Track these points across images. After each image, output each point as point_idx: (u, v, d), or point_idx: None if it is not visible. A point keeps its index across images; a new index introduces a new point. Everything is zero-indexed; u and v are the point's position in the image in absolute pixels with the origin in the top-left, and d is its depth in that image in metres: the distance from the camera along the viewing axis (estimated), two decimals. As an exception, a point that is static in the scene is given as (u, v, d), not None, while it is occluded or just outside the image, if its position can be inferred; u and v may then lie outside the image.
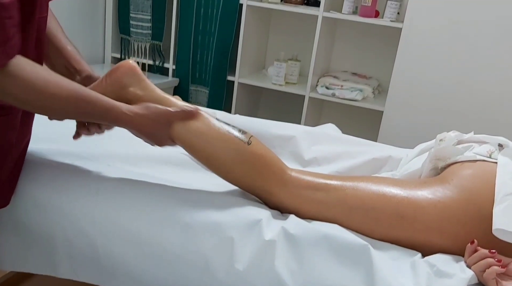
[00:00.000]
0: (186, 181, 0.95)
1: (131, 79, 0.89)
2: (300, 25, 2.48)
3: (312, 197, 0.85)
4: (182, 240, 0.82)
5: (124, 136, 1.11)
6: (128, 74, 0.89)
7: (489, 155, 0.90)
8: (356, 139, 1.24)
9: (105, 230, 0.85)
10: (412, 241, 0.81)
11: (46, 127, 1.12)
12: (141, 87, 0.89)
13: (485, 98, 1.95)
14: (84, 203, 0.88)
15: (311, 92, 2.27)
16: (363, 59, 2.45)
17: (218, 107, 2.41)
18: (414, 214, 0.81)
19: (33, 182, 0.91)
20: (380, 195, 0.83)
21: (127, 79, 0.89)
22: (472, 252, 0.77)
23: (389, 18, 2.08)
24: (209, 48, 2.36)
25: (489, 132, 1.75)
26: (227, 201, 0.87)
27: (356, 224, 0.83)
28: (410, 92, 2.06)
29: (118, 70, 0.89)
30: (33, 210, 0.89)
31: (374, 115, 2.27)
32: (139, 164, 1.03)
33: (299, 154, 1.18)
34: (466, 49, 1.94)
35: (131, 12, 2.46)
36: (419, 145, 1.11)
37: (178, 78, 2.47)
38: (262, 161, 0.87)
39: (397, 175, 1.03)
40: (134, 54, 2.53)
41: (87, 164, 0.97)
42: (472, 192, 0.82)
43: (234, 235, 0.80)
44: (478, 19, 1.89)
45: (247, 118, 1.31)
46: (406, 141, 1.89)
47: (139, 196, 0.88)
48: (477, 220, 0.80)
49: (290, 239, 0.78)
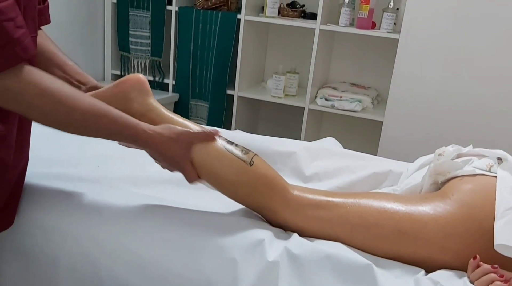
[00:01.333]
0: (188, 201, 0.95)
1: (138, 93, 0.88)
2: (297, 38, 2.50)
3: (314, 215, 0.86)
4: (185, 262, 0.82)
5: (125, 157, 1.12)
6: (136, 88, 0.89)
7: (488, 169, 0.90)
8: (356, 154, 1.25)
9: (108, 252, 0.86)
10: (415, 258, 0.81)
11: (47, 150, 1.14)
12: (146, 103, 0.88)
13: (484, 106, 1.96)
14: (87, 226, 0.88)
15: (310, 104, 2.29)
16: (361, 70, 2.47)
17: (219, 120, 2.43)
18: (416, 230, 0.81)
19: (35, 205, 0.92)
20: (382, 212, 0.84)
21: (134, 93, 0.88)
22: (474, 267, 0.78)
23: (386, 29, 2.10)
24: (208, 63, 2.38)
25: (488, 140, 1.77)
26: (229, 221, 0.87)
27: (358, 241, 0.83)
28: (409, 101, 2.07)
29: (126, 82, 0.89)
30: (36, 233, 0.90)
31: (374, 126, 2.28)
32: (141, 184, 1.04)
33: (300, 170, 1.19)
34: (463, 58, 1.95)
35: (130, 29, 2.48)
36: (419, 159, 1.11)
37: (178, 94, 2.48)
38: (265, 181, 0.87)
39: (398, 189, 1.04)
40: (134, 70, 2.55)
41: (89, 186, 0.97)
42: (472, 207, 0.83)
43: (237, 256, 0.80)
44: (473, 29, 1.90)
45: (248, 135, 1.31)
46: (407, 151, 1.90)
47: (142, 217, 0.89)
48: (478, 235, 0.80)
49: (293, 259, 0.78)
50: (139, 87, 0.88)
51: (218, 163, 0.86)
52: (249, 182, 0.87)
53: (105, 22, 2.54)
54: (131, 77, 0.89)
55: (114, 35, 2.55)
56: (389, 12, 2.09)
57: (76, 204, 0.92)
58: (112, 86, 0.89)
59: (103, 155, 1.13)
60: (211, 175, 0.88)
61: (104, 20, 2.54)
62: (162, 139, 0.81)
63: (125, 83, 0.88)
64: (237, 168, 0.86)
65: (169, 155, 0.83)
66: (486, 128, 1.97)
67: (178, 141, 0.82)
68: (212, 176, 0.88)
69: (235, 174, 0.86)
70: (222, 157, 0.86)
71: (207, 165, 0.86)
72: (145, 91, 0.89)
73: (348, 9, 2.15)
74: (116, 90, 0.88)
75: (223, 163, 0.86)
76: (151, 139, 0.80)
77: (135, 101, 0.88)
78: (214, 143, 0.87)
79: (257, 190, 0.87)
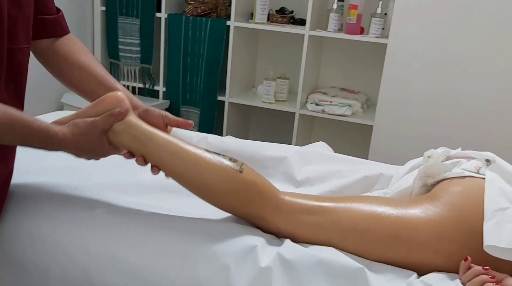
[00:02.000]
0: (180, 208, 0.95)
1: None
2: (287, 44, 2.51)
3: (306, 221, 0.86)
4: (177, 269, 0.82)
5: (115, 164, 1.11)
6: (115, 106, 0.88)
7: (477, 171, 0.92)
8: (347, 158, 1.26)
9: (100, 261, 0.85)
10: (407, 261, 0.82)
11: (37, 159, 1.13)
12: (126, 121, 0.88)
13: (472, 109, 1.99)
14: (78, 235, 0.88)
15: (301, 109, 2.30)
16: (351, 74, 2.49)
17: (210, 126, 2.43)
18: (408, 233, 0.82)
19: (26, 215, 0.91)
20: (374, 216, 0.84)
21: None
22: (466, 269, 0.78)
23: (374, 34, 2.13)
24: (199, 70, 2.38)
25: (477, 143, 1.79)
26: (221, 228, 0.87)
27: (351, 246, 0.83)
28: (398, 105, 2.09)
29: (105, 100, 0.89)
30: (26, 243, 0.89)
31: (364, 130, 2.30)
32: (132, 192, 1.03)
33: (292, 174, 1.19)
34: (450, 62, 1.98)
35: (119, 37, 2.48)
36: (409, 162, 1.12)
37: (168, 100, 2.48)
38: (255, 188, 0.87)
39: (389, 192, 1.04)
40: (124, 78, 2.54)
41: (80, 195, 0.97)
42: (462, 209, 0.83)
43: (229, 262, 0.80)
44: (461, 33, 1.93)
45: (239, 140, 1.31)
46: (397, 154, 1.91)
47: (133, 225, 0.88)
48: (469, 237, 0.81)
49: (286, 265, 0.78)
50: (118, 104, 0.88)
51: (207, 173, 0.86)
52: (240, 190, 0.86)
53: (94, 30, 2.53)
54: (110, 95, 0.90)
55: (103, 42, 2.54)
56: (377, 17, 2.11)
57: (67, 213, 0.91)
58: (92, 105, 0.90)
59: (94, 163, 1.12)
60: (200, 185, 0.87)
61: (93, 28, 2.54)
62: (73, 137, 0.84)
63: (104, 102, 0.89)
64: (227, 176, 0.86)
65: (85, 148, 0.86)
66: (475, 131, 1.99)
67: (88, 134, 0.85)
68: (202, 187, 0.87)
69: (225, 183, 0.86)
70: (210, 167, 0.86)
71: (196, 176, 0.86)
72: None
73: (336, 14, 2.17)
74: (97, 109, 0.88)
75: (212, 172, 0.86)
76: (64, 140, 0.83)
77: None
78: (203, 153, 0.87)
79: (248, 198, 0.87)
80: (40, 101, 1.24)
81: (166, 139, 0.88)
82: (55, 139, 0.82)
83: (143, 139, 0.87)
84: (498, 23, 1.88)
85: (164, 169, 0.88)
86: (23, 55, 0.85)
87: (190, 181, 0.87)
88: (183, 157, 0.87)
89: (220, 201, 0.88)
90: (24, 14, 0.84)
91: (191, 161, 0.86)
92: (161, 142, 0.88)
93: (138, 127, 0.88)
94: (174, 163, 0.87)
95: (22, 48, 0.84)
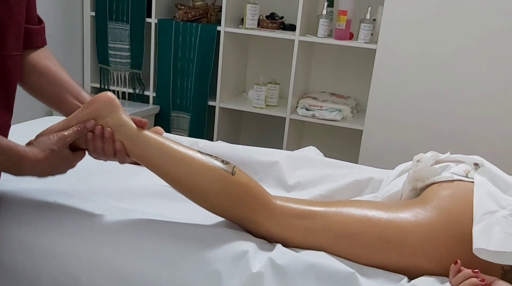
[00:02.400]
0: (170, 214, 0.94)
1: (109, 110, 0.88)
2: (277, 49, 2.52)
3: (298, 225, 0.86)
4: (169, 275, 0.81)
5: (106, 170, 1.11)
6: (106, 105, 0.88)
7: (465, 174, 0.92)
8: (337, 162, 1.26)
9: (91, 268, 0.84)
10: (398, 265, 0.82)
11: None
12: (119, 118, 0.88)
13: (461, 114, 2.01)
14: (68, 242, 0.87)
15: (291, 114, 2.31)
16: (341, 79, 2.51)
17: (201, 132, 2.42)
18: (398, 237, 0.82)
19: (15, 221, 0.90)
20: (365, 220, 0.85)
21: (105, 110, 0.88)
22: (456, 272, 0.79)
23: (363, 40, 2.15)
24: (189, 75, 2.38)
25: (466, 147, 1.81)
26: (212, 233, 0.87)
27: (342, 250, 0.84)
28: (387, 110, 2.11)
29: (96, 101, 0.89)
30: (17, 251, 0.88)
31: (354, 134, 2.31)
32: (123, 198, 1.02)
33: (283, 179, 1.19)
34: (439, 67, 2.00)
35: (109, 42, 2.47)
36: (399, 166, 1.13)
37: (159, 106, 2.47)
38: (247, 191, 0.87)
39: (379, 196, 1.05)
40: (113, 83, 2.53)
41: (70, 201, 0.96)
42: (452, 212, 0.84)
43: (221, 268, 0.80)
44: (449, 38, 1.96)
45: (230, 145, 1.31)
46: (387, 158, 1.92)
47: (124, 232, 0.87)
48: (458, 240, 0.81)
49: (278, 270, 0.78)
50: (109, 104, 0.88)
51: (199, 174, 0.86)
52: (232, 192, 0.86)
53: (83, 35, 2.52)
54: (100, 95, 0.90)
55: (93, 48, 2.53)
56: (366, 23, 2.13)
57: (57, 219, 0.90)
58: (83, 108, 0.89)
59: (83, 169, 1.11)
60: (192, 186, 0.87)
61: (83, 33, 2.52)
62: (44, 154, 0.82)
63: (95, 103, 0.88)
64: (219, 178, 0.86)
65: (58, 164, 0.85)
66: (464, 135, 2.02)
67: (58, 150, 0.83)
68: (194, 188, 0.87)
69: (217, 185, 0.86)
70: (202, 168, 0.86)
71: (188, 177, 0.86)
72: (116, 107, 0.89)
73: (326, 20, 2.18)
74: (88, 111, 0.88)
75: (204, 174, 0.86)
76: (35, 159, 0.81)
77: (108, 117, 0.88)
78: (195, 154, 0.87)
79: (239, 201, 0.87)
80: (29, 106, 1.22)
81: (158, 140, 0.88)
82: (25, 159, 0.79)
83: (135, 139, 0.87)
84: (486, 27, 1.91)
85: (156, 169, 0.88)
86: (14, 62, 0.84)
87: (182, 182, 0.87)
88: (175, 157, 0.86)
89: (211, 203, 0.87)
90: (15, 22, 0.83)
91: (183, 162, 0.86)
92: (153, 142, 0.87)
93: (130, 127, 0.88)
94: (166, 163, 0.86)
95: (12, 55, 0.83)
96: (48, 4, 2.27)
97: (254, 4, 2.25)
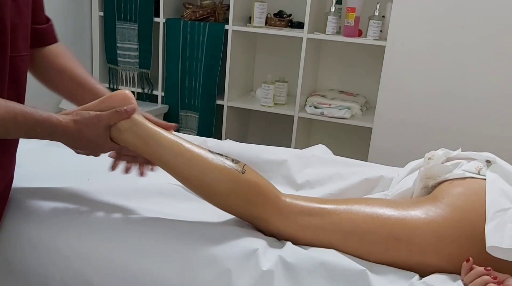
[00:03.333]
0: (179, 213, 0.95)
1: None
2: (285, 47, 2.52)
3: (307, 223, 0.86)
4: (179, 274, 0.81)
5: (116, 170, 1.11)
6: (122, 104, 0.89)
7: (477, 172, 0.91)
8: (347, 160, 1.26)
9: (100, 268, 0.85)
10: (409, 262, 0.82)
11: (36, 165, 1.13)
12: (132, 118, 0.88)
13: (471, 110, 1.99)
14: (78, 241, 0.87)
15: (300, 112, 2.30)
16: (349, 77, 2.49)
17: (209, 131, 2.43)
18: (408, 235, 0.82)
19: (25, 221, 0.90)
20: (375, 218, 0.84)
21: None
22: (468, 270, 0.78)
23: (372, 36, 2.13)
24: (197, 74, 2.39)
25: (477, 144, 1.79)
26: (222, 231, 0.87)
27: (352, 248, 0.83)
28: (397, 107, 2.09)
29: (113, 97, 0.90)
30: (27, 251, 0.88)
31: (363, 132, 2.30)
32: (132, 197, 1.03)
33: (292, 177, 1.19)
34: (449, 63, 1.98)
35: (117, 42, 2.48)
36: (409, 163, 1.12)
37: (167, 105, 2.48)
38: (257, 189, 0.87)
39: (389, 194, 1.04)
40: (122, 83, 2.54)
41: (79, 201, 0.96)
42: (464, 210, 0.83)
43: (231, 266, 0.80)
44: (459, 34, 1.94)
45: (238, 144, 1.32)
46: (397, 156, 1.91)
47: (133, 231, 0.88)
48: (470, 238, 0.81)
49: (288, 267, 0.78)
50: (125, 102, 0.89)
51: (210, 173, 0.86)
52: (242, 191, 0.86)
53: (92, 35, 2.54)
54: (117, 93, 0.91)
55: (101, 48, 2.54)
56: (375, 19, 2.12)
57: (66, 218, 0.91)
58: (99, 102, 0.90)
59: (93, 168, 1.12)
60: (202, 185, 0.87)
61: (91, 33, 2.54)
62: (76, 126, 0.84)
63: (111, 99, 0.89)
64: (229, 177, 0.86)
65: (86, 140, 0.86)
66: (474, 133, 1.99)
67: (90, 126, 0.85)
68: (204, 187, 0.87)
69: (228, 183, 0.86)
70: (213, 167, 0.86)
71: (199, 175, 0.86)
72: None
73: (334, 17, 2.17)
74: (103, 106, 0.88)
75: (214, 173, 0.86)
76: (67, 128, 0.83)
77: None
78: (206, 153, 0.87)
79: (249, 199, 0.87)
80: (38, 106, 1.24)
81: (170, 139, 0.89)
82: (59, 128, 0.82)
83: (147, 138, 0.88)
84: (496, 24, 1.88)
85: (167, 168, 0.88)
86: (23, 62, 0.86)
87: (193, 181, 0.87)
88: (187, 157, 0.87)
89: (221, 201, 0.88)
90: (24, 23, 0.84)
91: (194, 161, 0.86)
92: (164, 141, 0.88)
93: (143, 126, 0.89)
94: (177, 162, 0.87)
95: (22, 55, 0.84)
96: (57, 4, 2.29)
97: (262, 2, 2.25)
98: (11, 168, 0.92)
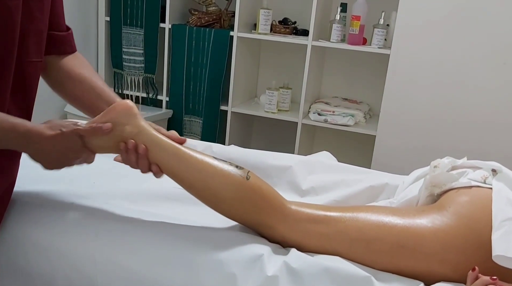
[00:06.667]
0: (185, 217, 0.95)
1: (128, 118, 0.89)
2: (290, 54, 2.53)
3: (313, 230, 0.86)
4: (184, 278, 0.81)
5: (121, 173, 1.12)
6: (125, 113, 0.89)
7: (483, 181, 0.91)
8: (352, 167, 1.25)
9: (106, 271, 0.85)
10: (414, 271, 0.81)
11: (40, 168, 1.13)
12: (137, 125, 0.89)
13: (476, 118, 1.99)
14: (84, 244, 0.87)
15: (303, 119, 2.30)
16: (353, 84, 2.50)
17: (213, 136, 2.43)
18: (414, 243, 0.81)
19: (30, 223, 0.91)
20: (381, 226, 0.84)
21: (124, 118, 0.89)
22: (473, 279, 0.78)
23: (377, 45, 2.14)
24: (202, 80, 2.40)
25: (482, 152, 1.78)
26: (227, 236, 0.87)
27: (357, 256, 0.83)
28: (401, 115, 2.10)
29: (116, 108, 0.90)
30: (32, 253, 0.88)
31: (367, 140, 2.30)
32: (138, 200, 1.03)
33: (297, 183, 1.19)
34: (453, 72, 1.99)
35: (123, 46, 2.50)
36: (415, 171, 1.12)
37: (171, 110, 2.49)
38: (262, 196, 0.87)
39: (395, 202, 1.04)
40: (127, 87, 2.56)
41: (85, 203, 0.97)
42: (470, 219, 0.83)
43: (236, 271, 0.80)
44: (462, 43, 1.95)
45: (243, 149, 1.32)
46: (400, 164, 1.91)
47: (139, 234, 0.88)
48: (476, 247, 0.80)
49: (293, 273, 0.78)
50: (128, 112, 0.89)
51: (215, 179, 0.86)
52: (246, 197, 0.86)
53: (98, 39, 2.55)
54: (119, 103, 0.91)
55: (107, 52, 2.56)
56: (379, 28, 2.13)
57: (72, 221, 0.91)
58: (102, 115, 0.89)
59: (99, 171, 1.13)
60: (207, 192, 0.87)
61: (97, 38, 2.55)
62: (51, 133, 0.81)
63: (115, 110, 0.89)
64: (234, 184, 0.86)
65: (64, 150, 0.83)
66: (479, 140, 1.99)
67: (66, 134, 0.82)
68: (209, 193, 0.87)
69: (233, 190, 0.86)
70: (218, 173, 0.86)
71: (204, 182, 0.86)
72: (134, 114, 0.90)
73: (339, 25, 2.18)
74: (107, 117, 0.88)
75: (219, 179, 0.86)
76: (42, 133, 0.80)
77: (126, 124, 0.88)
78: (210, 160, 0.87)
79: (254, 206, 0.87)
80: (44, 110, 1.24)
81: (174, 146, 0.89)
82: (33, 132, 0.79)
83: (151, 145, 0.88)
84: (500, 35, 1.89)
85: (172, 175, 0.89)
86: (34, 68, 0.85)
87: (197, 187, 0.87)
88: (191, 163, 0.87)
89: (226, 208, 0.88)
90: (37, 28, 0.84)
91: (199, 168, 0.87)
92: (169, 148, 0.88)
93: (147, 133, 0.89)
94: (182, 169, 0.87)
95: (33, 61, 0.84)
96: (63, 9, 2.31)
97: (267, 9, 2.26)
98: (14, 172, 0.91)
